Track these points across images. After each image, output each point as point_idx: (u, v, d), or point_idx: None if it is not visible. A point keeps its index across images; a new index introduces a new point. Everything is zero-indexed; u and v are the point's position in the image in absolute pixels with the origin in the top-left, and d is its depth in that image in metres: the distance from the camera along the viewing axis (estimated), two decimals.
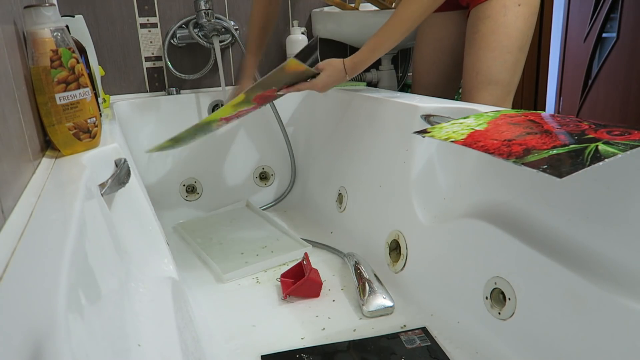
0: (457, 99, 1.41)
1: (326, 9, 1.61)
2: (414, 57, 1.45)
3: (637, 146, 0.58)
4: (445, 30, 1.34)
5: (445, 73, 1.38)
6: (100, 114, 0.95)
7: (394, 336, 0.87)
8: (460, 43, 1.33)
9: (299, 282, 0.99)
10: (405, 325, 0.90)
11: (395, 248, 1.08)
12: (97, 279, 0.49)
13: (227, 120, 1.21)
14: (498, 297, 0.82)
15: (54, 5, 0.76)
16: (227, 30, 1.48)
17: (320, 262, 1.16)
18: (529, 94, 2.60)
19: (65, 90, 0.74)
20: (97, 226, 0.58)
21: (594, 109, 2.60)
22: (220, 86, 1.52)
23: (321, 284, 1.03)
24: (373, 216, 1.18)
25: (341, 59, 1.09)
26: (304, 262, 1.04)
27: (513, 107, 1.20)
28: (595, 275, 0.66)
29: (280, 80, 1.07)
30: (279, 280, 1.06)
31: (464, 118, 0.86)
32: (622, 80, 2.41)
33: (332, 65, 1.08)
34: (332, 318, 0.94)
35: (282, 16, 1.61)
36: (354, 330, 0.90)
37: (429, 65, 1.39)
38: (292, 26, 1.56)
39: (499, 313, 0.80)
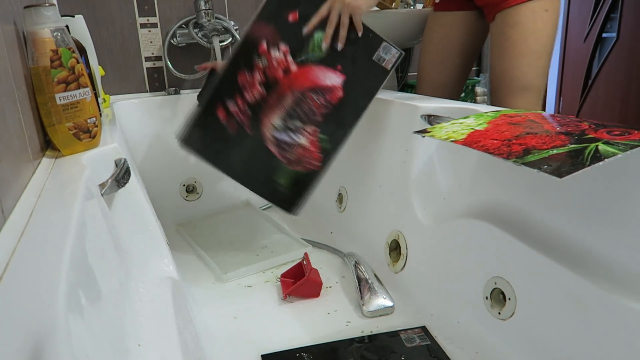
0: (462, 100, 1.41)
1: None
2: (420, 55, 1.44)
3: (637, 146, 0.58)
4: (454, 30, 1.33)
5: (453, 73, 1.37)
6: (100, 114, 0.95)
7: (394, 335, 0.87)
8: (470, 44, 1.33)
9: (299, 282, 0.99)
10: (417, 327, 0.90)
11: (395, 248, 1.08)
12: (97, 279, 0.49)
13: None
14: (498, 297, 0.82)
15: (54, 5, 0.76)
16: (227, 30, 1.48)
17: (320, 262, 1.16)
18: None
19: (65, 90, 0.74)
20: (97, 226, 0.58)
21: (594, 109, 2.60)
22: None
23: (321, 284, 1.03)
24: (373, 216, 1.18)
25: None
26: (304, 262, 1.04)
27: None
28: (595, 275, 0.66)
29: None
30: (279, 280, 1.06)
31: (464, 118, 0.86)
32: (622, 80, 2.41)
33: None
34: (332, 318, 0.94)
35: None
36: (354, 330, 0.90)
37: (436, 64, 1.38)
38: None
39: (499, 313, 0.80)
